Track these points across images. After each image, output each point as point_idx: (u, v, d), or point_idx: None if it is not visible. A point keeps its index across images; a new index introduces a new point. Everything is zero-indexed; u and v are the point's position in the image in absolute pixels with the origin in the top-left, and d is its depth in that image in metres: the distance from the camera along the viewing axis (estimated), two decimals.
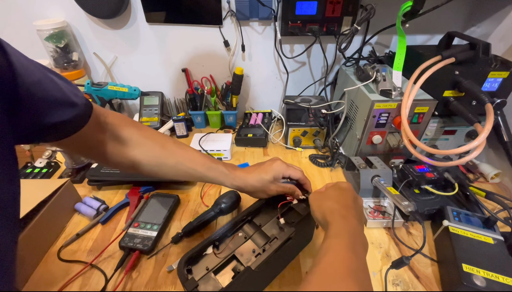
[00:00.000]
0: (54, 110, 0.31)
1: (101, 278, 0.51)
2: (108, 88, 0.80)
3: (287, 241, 0.46)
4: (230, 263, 0.45)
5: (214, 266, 0.43)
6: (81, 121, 0.36)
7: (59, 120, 0.32)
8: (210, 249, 0.46)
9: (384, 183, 0.60)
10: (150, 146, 0.46)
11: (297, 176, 0.52)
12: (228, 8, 0.81)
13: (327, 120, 0.80)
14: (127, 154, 0.45)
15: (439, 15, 0.74)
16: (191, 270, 0.43)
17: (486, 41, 0.61)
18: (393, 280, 0.50)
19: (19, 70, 0.26)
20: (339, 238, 0.34)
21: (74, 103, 0.34)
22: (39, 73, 0.30)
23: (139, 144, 0.45)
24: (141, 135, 0.46)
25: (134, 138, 0.45)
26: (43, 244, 0.56)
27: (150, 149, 0.46)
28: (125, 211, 0.65)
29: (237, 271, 0.43)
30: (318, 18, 0.78)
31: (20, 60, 0.27)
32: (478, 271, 0.46)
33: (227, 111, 0.95)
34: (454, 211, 0.56)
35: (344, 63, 0.89)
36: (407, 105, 0.61)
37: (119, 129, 0.44)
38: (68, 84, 0.35)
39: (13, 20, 0.83)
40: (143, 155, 0.46)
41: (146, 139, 0.46)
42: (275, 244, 0.45)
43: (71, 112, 0.33)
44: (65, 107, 0.33)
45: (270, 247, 0.45)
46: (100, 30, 0.87)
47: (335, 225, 0.37)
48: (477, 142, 0.53)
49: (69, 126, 0.35)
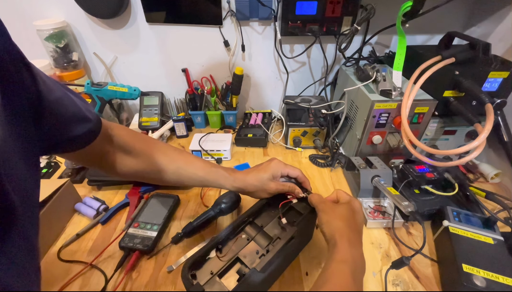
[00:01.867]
0: (73, 125, 0.35)
1: (101, 278, 0.51)
2: (108, 88, 0.80)
3: (290, 241, 0.46)
4: (234, 265, 0.45)
5: (219, 270, 0.43)
6: (93, 135, 0.39)
7: (76, 134, 0.35)
8: (213, 252, 0.45)
9: (384, 183, 0.60)
10: (152, 154, 0.49)
11: (296, 173, 0.52)
12: (228, 8, 0.81)
13: (327, 121, 0.80)
14: (131, 163, 0.47)
15: (439, 15, 0.74)
16: (195, 275, 0.42)
17: (486, 41, 0.61)
18: (393, 280, 0.50)
19: (42, 88, 0.29)
20: (345, 265, 0.36)
21: (88, 118, 0.37)
22: (59, 91, 0.32)
23: (142, 153, 0.48)
24: (143, 145, 0.48)
25: (137, 147, 0.47)
26: (43, 244, 0.56)
27: (151, 157, 0.48)
28: (125, 211, 0.65)
29: (242, 273, 0.43)
30: (318, 18, 0.78)
31: (43, 78, 0.30)
32: (478, 271, 0.45)
33: (227, 111, 0.95)
34: (454, 211, 0.56)
35: (344, 63, 0.89)
36: (407, 105, 0.61)
37: (123, 140, 0.46)
38: (82, 100, 0.38)
39: (13, 20, 0.83)
40: (146, 163, 0.48)
41: (148, 148, 0.49)
42: (278, 244, 0.45)
43: (86, 127, 0.37)
44: (81, 123, 0.36)
45: (273, 247, 0.45)
46: (100, 30, 0.87)
47: (342, 249, 0.38)
48: (477, 143, 0.53)
49: (83, 140, 0.38)
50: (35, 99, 0.28)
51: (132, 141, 0.47)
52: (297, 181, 0.53)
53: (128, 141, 0.46)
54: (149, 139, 0.52)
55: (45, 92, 0.29)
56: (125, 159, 0.46)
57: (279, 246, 0.45)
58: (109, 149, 0.44)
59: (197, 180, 0.51)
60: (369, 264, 0.53)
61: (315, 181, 0.75)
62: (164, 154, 0.49)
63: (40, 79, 0.29)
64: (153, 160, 0.48)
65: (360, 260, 0.38)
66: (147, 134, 0.89)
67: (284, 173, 0.52)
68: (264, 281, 0.44)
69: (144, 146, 0.48)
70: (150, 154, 0.48)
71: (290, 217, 0.51)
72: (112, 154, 0.45)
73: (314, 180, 0.75)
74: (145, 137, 0.51)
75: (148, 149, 0.48)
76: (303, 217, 0.49)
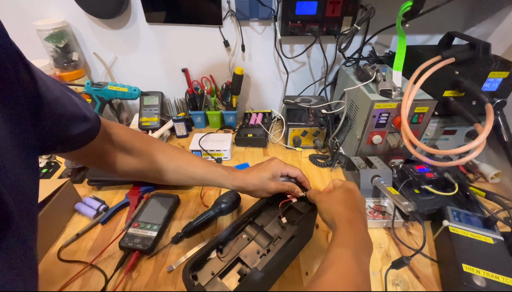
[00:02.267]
0: (72, 124, 0.34)
1: (101, 278, 0.51)
2: (108, 88, 0.80)
3: (290, 240, 0.46)
4: (235, 265, 0.45)
5: (220, 270, 0.43)
6: (92, 134, 0.39)
7: (75, 133, 0.35)
8: (214, 253, 0.45)
9: (384, 183, 0.60)
10: (152, 153, 0.48)
11: (296, 173, 0.52)
12: (228, 8, 0.81)
13: (327, 120, 0.80)
14: (131, 162, 0.47)
15: (439, 15, 0.74)
16: (196, 276, 0.42)
17: (486, 41, 0.61)
18: (393, 280, 0.50)
19: (40, 87, 0.29)
20: (346, 248, 0.35)
21: (87, 117, 0.37)
22: (58, 91, 0.32)
23: (141, 152, 0.48)
24: (142, 144, 0.48)
25: (137, 146, 0.47)
26: (43, 244, 0.56)
27: (152, 156, 0.48)
28: (125, 211, 0.65)
29: (243, 273, 0.43)
30: (318, 18, 0.78)
31: (42, 77, 0.29)
32: (478, 271, 0.46)
33: (227, 111, 0.95)
34: (454, 211, 0.56)
35: (344, 63, 0.89)
36: (407, 105, 0.61)
37: (123, 138, 0.46)
38: (81, 99, 0.38)
39: (13, 20, 0.83)
40: (146, 162, 0.48)
41: (148, 146, 0.49)
42: (279, 243, 0.45)
43: (85, 125, 0.37)
44: (80, 122, 0.36)
45: (274, 247, 0.45)
46: (100, 30, 0.87)
47: (342, 231, 0.37)
48: (477, 143, 0.53)
49: (82, 139, 0.38)
50: (33, 98, 0.28)
51: (131, 140, 0.47)
52: (297, 180, 0.53)
53: (128, 140, 0.46)
54: (148, 138, 0.52)
55: (43, 91, 0.29)
56: (125, 158, 0.46)
57: (279, 245, 0.44)
58: (109, 147, 0.44)
59: (197, 179, 0.51)
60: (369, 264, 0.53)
61: (315, 181, 0.75)
62: (164, 152, 0.49)
63: (39, 78, 0.29)
64: (153, 158, 0.48)
65: (363, 239, 0.37)
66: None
67: (284, 172, 0.52)
68: (265, 281, 0.44)
69: (144, 144, 0.48)
70: (150, 153, 0.48)
71: (290, 216, 0.51)
72: (111, 153, 0.45)
73: (314, 180, 0.75)
74: (144, 136, 0.51)
75: (147, 148, 0.48)
76: (303, 216, 0.49)
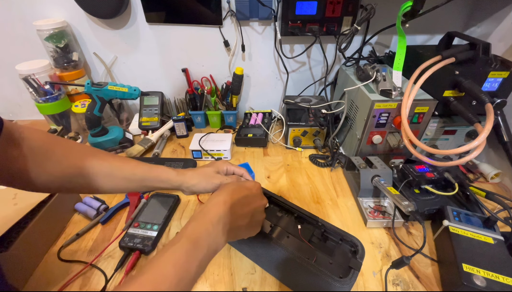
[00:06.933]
0: None
1: (101, 278, 0.51)
2: (108, 88, 0.80)
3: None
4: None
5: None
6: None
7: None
8: None
9: (384, 183, 0.60)
10: (78, 156, 0.43)
11: (241, 172, 0.53)
12: (228, 8, 0.81)
13: (327, 120, 0.80)
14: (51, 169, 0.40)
15: (439, 15, 0.74)
16: None
17: (486, 41, 0.61)
18: (393, 280, 0.50)
19: None
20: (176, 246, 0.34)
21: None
22: None
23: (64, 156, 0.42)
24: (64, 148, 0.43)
25: (58, 151, 0.41)
26: (43, 244, 0.56)
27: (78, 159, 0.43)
28: (125, 211, 0.65)
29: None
30: (318, 18, 0.78)
31: None
32: (478, 271, 0.46)
33: (227, 111, 0.95)
34: (454, 211, 0.56)
35: (344, 63, 0.89)
36: (407, 105, 0.61)
37: (37, 143, 0.40)
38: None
39: (13, 20, 0.83)
40: (71, 168, 0.42)
41: (73, 150, 0.43)
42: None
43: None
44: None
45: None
46: (100, 30, 0.87)
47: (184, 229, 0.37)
48: (477, 142, 0.53)
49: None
50: None
51: (50, 144, 0.41)
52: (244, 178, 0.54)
53: (45, 144, 0.40)
54: (73, 143, 0.45)
55: None
56: (42, 165, 0.40)
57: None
58: (17, 153, 0.37)
59: (135, 181, 0.46)
60: (369, 264, 0.53)
61: (315, 180, 0.75)
62: (94, 156, 0.44)
63: None
64: (81, 162, 0.42)
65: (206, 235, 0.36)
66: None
67: (230, 170, 0.53)
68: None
69: (67, 149, 0.42)
70: (76, 157, 0.42)
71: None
72: (21, 160, 0.38)
73: (314, 180, 0.75)
74: (69, 142, 0.45)
75: (73, 152, 0.43)
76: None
